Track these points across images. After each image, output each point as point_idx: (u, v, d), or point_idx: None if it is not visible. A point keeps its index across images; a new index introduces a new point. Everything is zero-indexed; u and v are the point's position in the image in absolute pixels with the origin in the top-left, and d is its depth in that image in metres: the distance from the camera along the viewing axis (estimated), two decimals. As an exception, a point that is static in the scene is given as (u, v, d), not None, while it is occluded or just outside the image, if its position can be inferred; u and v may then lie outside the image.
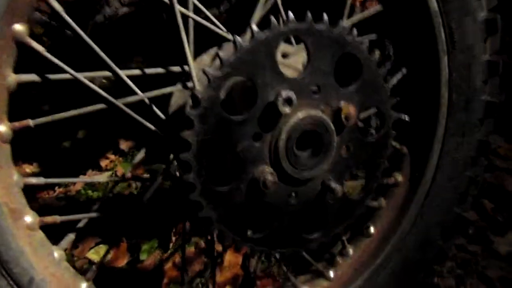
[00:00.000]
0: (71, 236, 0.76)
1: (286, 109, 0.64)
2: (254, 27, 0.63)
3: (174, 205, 0.77)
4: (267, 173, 0.66)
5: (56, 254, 0.73)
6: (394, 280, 1.07)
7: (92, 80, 0.72)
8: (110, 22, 1.21)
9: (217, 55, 0.63)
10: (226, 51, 0.78)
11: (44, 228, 0.72)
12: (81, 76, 0.69)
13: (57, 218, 0.71)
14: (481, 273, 1.26)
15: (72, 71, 0.68)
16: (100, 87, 0.72)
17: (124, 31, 1.30)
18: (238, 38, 0.63)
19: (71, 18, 1.16)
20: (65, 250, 0.77)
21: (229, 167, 0.67)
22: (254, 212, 0.71)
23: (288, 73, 0.78)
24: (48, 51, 0.67)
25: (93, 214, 0.76)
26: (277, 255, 0.75)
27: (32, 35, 0.67)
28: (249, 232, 0.71)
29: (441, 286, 1.23)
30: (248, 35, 0.64)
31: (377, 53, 1.46)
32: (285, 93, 0.63)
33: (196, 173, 0.64)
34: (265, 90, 0.65)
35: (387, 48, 1.42)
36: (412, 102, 1.03)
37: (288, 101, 0.64)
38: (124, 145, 2.20)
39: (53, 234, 0.76)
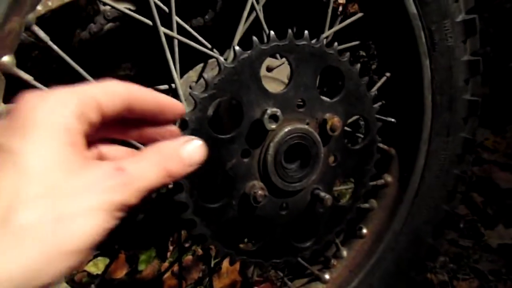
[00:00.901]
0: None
1: (273, 126, 0.66)
2: (237, 47, 0.64)
3: (169, 216, 0.78)
4: (257, 188, 0.68)
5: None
6: (388, 279, 1.09)
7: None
8: (96, 38, 1.21)
9: (201, 76, 0.64)
10: (211, 69, 0.79)
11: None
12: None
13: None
14: (473, 267, 1.29)
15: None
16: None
17: (111, 46, 1.30)
18: (221, 59, 0.64)
19: (56, 37, 1.16)
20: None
21: (220, 184, 0.69)
22: (246, 226, 0.73)
23: (273, 86, 0.80)
24: (36, 79, 0.67)
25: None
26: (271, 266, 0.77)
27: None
28: (242, 246, 0.73)
29: (434, 281, 1.25)
30: (231, 55, 0.66)
31: (361, 54, 1.48)
32: (270, 110, 0.65)
33: (188, 192, 0.65)
34: (251, 108, 0.66)
35: (371, 49, 1.44)
36: (398, 105, 1.05)
37: (274, 118, 0.65)
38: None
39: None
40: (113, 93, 0.41)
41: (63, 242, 0.34)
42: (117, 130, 0.46)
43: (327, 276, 1.06)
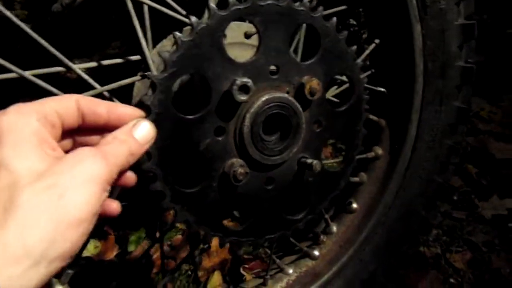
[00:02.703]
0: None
1: (243, 97, 0.60)
2: (193, 18, 0.58)
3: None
4: (237, 165, 0.63)
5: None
6: (380, 253, 1.07)
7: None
8: (69, 10, 1.14)
9: (158, 54, 0.58)
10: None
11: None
12: (28, 74, 0.64)
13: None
14: (466, 239, 1.27)
15: (18, 70, 0.64)
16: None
17: (89, 19, 1.23)
18: (178, 34, 0.58)
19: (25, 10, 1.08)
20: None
21: (196, 167, 0.64)
22: (232, 206, 0.69)
23: (251, 54, 0.74)
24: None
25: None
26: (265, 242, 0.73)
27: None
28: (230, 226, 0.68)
29: (427, 254, 1.23)
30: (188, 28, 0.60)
31: (352, 23, 1.41)
32: (240, 81, 0.59)
33: (163, 180, 0.61)
34: (218, 82, 0.60)
35: (361, 17, 1.37)
36: (388, 74, 1.00)
37: (244, 88, 0.59)
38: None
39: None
40: (68, 104, 0.48)
41: (68, 213, 0.40)
42: (84, 135, 0.52)
43: (316, 253, 1.04)
